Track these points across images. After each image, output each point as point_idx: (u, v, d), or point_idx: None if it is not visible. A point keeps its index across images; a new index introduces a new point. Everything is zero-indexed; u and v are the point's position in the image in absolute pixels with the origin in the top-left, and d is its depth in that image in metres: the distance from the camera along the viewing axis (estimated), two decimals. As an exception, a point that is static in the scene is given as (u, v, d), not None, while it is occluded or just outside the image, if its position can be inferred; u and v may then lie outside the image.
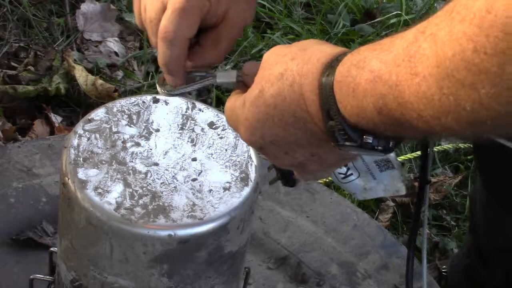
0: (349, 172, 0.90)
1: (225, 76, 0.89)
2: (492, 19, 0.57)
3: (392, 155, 0.93)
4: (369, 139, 0.75)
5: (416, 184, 1.89)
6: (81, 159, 0.94)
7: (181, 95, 0.93)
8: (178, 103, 1.02)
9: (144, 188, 0.92)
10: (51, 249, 1.16)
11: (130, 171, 0.94)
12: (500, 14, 0.57)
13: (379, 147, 0.76)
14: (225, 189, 0.94)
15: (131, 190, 0.92)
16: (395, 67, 0.66)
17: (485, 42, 0.58)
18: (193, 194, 0.93)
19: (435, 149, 1.98)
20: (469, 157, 1.98)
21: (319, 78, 0.75)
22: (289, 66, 0.78)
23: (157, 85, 0.90)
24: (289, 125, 0.79)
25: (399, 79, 0.66)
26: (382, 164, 0.90)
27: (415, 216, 1.03)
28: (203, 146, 0.98)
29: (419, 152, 1.94)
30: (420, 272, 1.46)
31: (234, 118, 0.84)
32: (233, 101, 0.85)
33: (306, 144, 0.80)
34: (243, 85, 0.88)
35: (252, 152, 0.98)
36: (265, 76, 0.81)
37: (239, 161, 0.97)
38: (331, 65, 0.75)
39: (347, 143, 0.76)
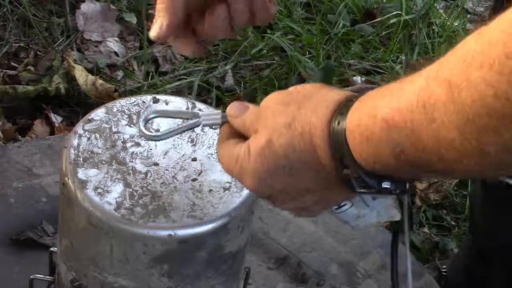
0: (342, 203, 0.90)
1: (209, 118, 0.88)
2: None
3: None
4: (387, 185, 0.74)
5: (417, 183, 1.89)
6: (81, 159, 0.94)
7: (163, 139, 0.92)
8: (178, 103, 1.02)
9: (144, 188, 0.92)
10: (51, 249, 1.16)
11: (130, 171, 0.94)
12: None
13: (397, 191, 0.75)
14: (225, 189, 0.94)
15: (131, 190, 0.92)
16: (409, 114, 0.65)
17: (506, 88, 0.57)
18: (193, 194, 0.93)
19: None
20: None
21: (329, 127, 0.74)
22: (296, 116, 0.77)
23: (140, 127, 0.89)
24: (300, 174, 0.78)
25: (415, 126, 0.65)
26: None
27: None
28: (203, 146, 0.98)
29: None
30: (419, 272, 1.46)
31: (237, 169, 0.82)
32: (231, 148, 0.83)
33: (316, 190, 0.79)
34: (229, 126, 0.86)
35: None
36: (269, 125, 0.79)
37: (239, 161, 0.97)
38: (340, 112, 0.74)
39: (364, 190, 0.75)
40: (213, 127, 0.92)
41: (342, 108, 0.74)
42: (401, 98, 0.67)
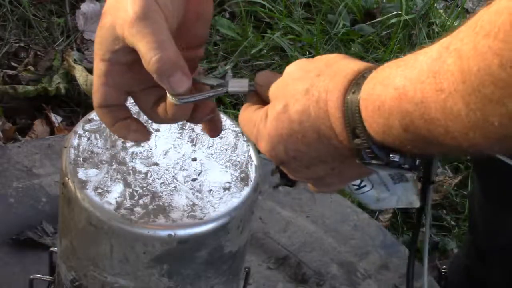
0: (362, 184, 0.90)
1: (237, 85, 0.88)
2: None
3: None
4: (396, 158, 0.74)
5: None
6: (81, 159, 0.94)
7: (190, 102, 0.91)
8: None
9: (144, 188, 0.92)
10: (51, 249, 1.16)
11: (130, 171, 0.94)
12: None
13: (406, 165, 0.75)
14: (225, 189, 0.94)
15: (131, 190, 0.92)
16: (419, 84, 0.66)
17: (511, 56, 0.57)
18: (193, 194, 0.93)
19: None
20: (469, 157, 1.98)
21: (345, 96, 0.74)
22: (314, 82, 0.77)
23: (167, 93, 0.88)
24: (313, 142, 0.78)
25: (424, 96, 0.65)
26: (396, 177, 0.90)
27: (417, 217, 1.03)
28: (203, 146, 0.98)
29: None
30: (419, 272, 1.46)
31: (255, 132, 0.83)
32: (251, 113, 0.84)
33: (329, 160, 0.79)
34: (255, 94, 0.87)
35: (252, 152, 0.98)
36: (289, 91, 0.79)
37: (239, 161, 0.97)
38: (357, 82, 0.74)
39: (373, 161, 0.75)
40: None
41: (359, 78, 0.74)
42: (414, 68, 0.67)
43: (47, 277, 1.16)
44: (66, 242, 0.99)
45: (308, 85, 0.78)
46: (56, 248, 1.07)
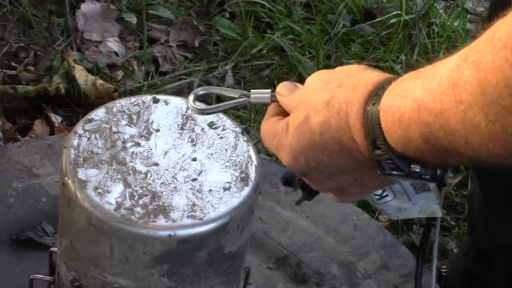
0: (384, 194, 0.89)
1: (259, 95, 0.89)
2: None
3: None
4: (417, 168, 0.74)
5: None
6: (81, 159, 0.94)
7: (211, 114, 0.93)
8: (178, 103, 1.02)
9: (144, 188, 0.92)
10: (51, 249, 1.16)
11: (130, 171, 0.94)
12: None
13: (427, 176, 0.75)
14: (225, 189, 0.94)
15: (131, 190, 0.92)
16: (439, 95, 0.66)
17: None
18: (193, 194, 0.93)
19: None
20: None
21: (365, 107, 0.74)
22: (335, 93, 0.78)
23: (189, 101, 0.89)
24: (334, 153, 0.78)
25: (444, 107, 0.65)
26: (418, 186, 0.90)
27: (427, 219, 1.03)
28: (203, 146, 0.98)
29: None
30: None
31: (275, 143, 0.84)
32: (271, 124, 0.85)
33: (350, 171, 0.80)
34: (276, 105, 0.87)
35: (252, 152, 0.98)
36: (310, 102, 0.80)
37: (239, 161, 0.97)
38: (376, 94, 0.74)
39: (394, 172, 0.75)
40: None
41: (379, 90, 0.74)
42: (433, 80, 0.67)
43: (47, 277, 1.16)
44: (66, 242, 0.99)
45: (329, 96, 0.78)
46: (56, 248, 1.07)
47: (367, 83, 0.76)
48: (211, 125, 1.01)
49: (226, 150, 0.98)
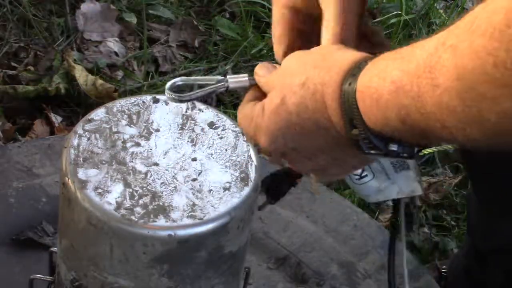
0: (363, 174, 0.90)
1: (237, 81, 0.88)
2: None
3: None
4: (394, 147, 0.75)
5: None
6: (81, 159, 0.94)
7: (191, 101, 0.91)
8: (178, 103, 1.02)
9: (144, 188, 0.92)
10: (51, 249, 1.16)
11: (130, 171, 0.94)
12: None
13: (404, 154, 0.76)
14: (225, 189, 0.94)
15: (131, 190, 0.92)
16: (416, 78, 0.66)
17: (505, 57, 0.57)
18: (193, 194, 0.93)
19: (435, 149, 1.98)
20: (462, 158, 1.98)
21: (341, 88, 0.74)
22: (310, 74, 0.78)
23: (166, 90, 0.88)
24: (311, 133, 0.78)
25: (421, 90, 0.65)
26: (397, 165, 0.90)
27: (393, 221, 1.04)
28: (203, 146, 0.98)
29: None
30: (419, 272, 1.46)
31: (252, 126, 0.83)
32: (249, 109, 0.85)
33: (329, 150, 0.80)
34: (254, 90, 0.87)
35: (252, 152, 0.98)
36: (286, 84, 0.80)
37: (239, 161, 0.97)
38: (352, 74, 0.74)
39: (372, 151, 0.75)
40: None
41: (355, 69, 0.74)
42: (411, 62, 0.67)
43: (47, 277, 1.16)
44: (66, 242, 0.99)
45: (304, 77, 0.78)
46: (56, 248, 1.07)
47: (342, 64, 0.76)
48: (211, 125, 1.01)
49: (226, 150, 0.98)
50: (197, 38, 2.20)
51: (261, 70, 0.86)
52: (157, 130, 0.99)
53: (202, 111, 1.02)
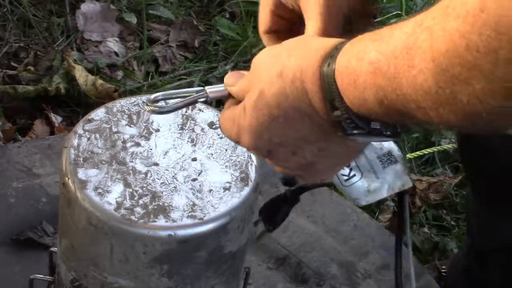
0: (352, 173, 0.90)
1: (216, 90, 0.88)
2: (485, 18, 0.57)
3: (394, 147, 0.92)
4: (377, 125, 0.75)
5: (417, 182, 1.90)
6: (81, 159, 0.94)
7: (170, 112, 0.90)
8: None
9: (144, 188, 0.92)
10: (51, 249, 1.16)
11: (130, 171, 0.94)
12: (493, 13, 0.57)
13: (388, 132, 0.76)
14: (225, 189, 0.94)
15: (131, 190, 0.92)
16: (393, 59, 0.66)
17: (477, 41, 0.58)
18: (193, 194, 0.93)
19: (435, 149, 1.98)
20: (460, 158, 1.98)
21: (320, 69, 0.74)
22: (287, 64, 0.77)
23: (146, 103, 0.88)
24: (295, 122, 0.78)
25: (397, 71, 0.66)
26: (385, 159, 0.90)
27: (399, 221, 1.04)
28: (203, 146, 0.98)
29: (419, 152, 1.94)
30: (419, 272, 1.46)
31: (235, 129, 0.83)
32: (229, 112, 0.84)
33: (314, 139, 0.79)
34: (233, 99, 0.86)
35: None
36: (263, 79, 0.79)
37: (239, 161, 0.97)
38: (330, 55, 0.74)
39: (355, 131, 0.75)
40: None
41: (333, 51, 0.74)
42: (389, 43, 0.67)
43: (47, 277, 1.16)
44: (66, 242, 0.99)
45: (281, 67, 0.78)
46: (56, 248, 1.07)
47: (319, 48, 0.76)
48: (211, 125, 1.01)
49: (226, 150, 0.98)
50: (197, 38, 2.20)
51: (230, 79, 0.86)
52: (157, 130, 0.99)
53: (202, 111, 1.02)
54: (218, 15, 2.26)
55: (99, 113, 0.99)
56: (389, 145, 0.93)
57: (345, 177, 0.90)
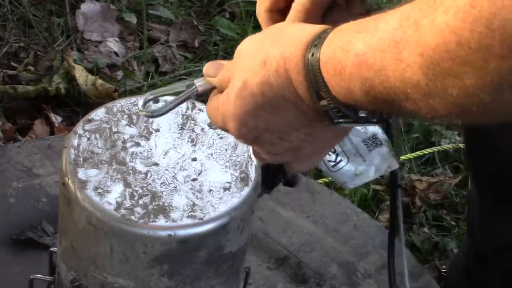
0: (338, 159, 0.90)
1: (203, 83, 0.88)
2: (477, 14, 0.57)
3: (379, 130, 0.93)
4: (363, 114, 0.75)
5: (413, 181, 1.90)
6: (81, 159, 0.94)
7: (164, 114, 0.90)
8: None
9: (144, 188, 0.92)
10: (51, 249, 1.16)
11: (130, 171, 0.94)
12: (484, 10, 0.57)
13: (374, 120, 0.76)
14: (225, 189, 0.94)
15: (131, 190, 0.92)
16: (379, 52, 0.66)
17: (469, 37, 0.58)
18: (193, 194, 0.93)
19: (435, 149, 1.98)
20: (465, 157, 1.98)
21: (304, 59, 0.74)
22: (270, 52, 0.77)
23: (139, 108, 0.88)
24: (280, 110, 0.78)
25: (384, 64, 0.66)
26: (370, 142, 0.90)
27: (391, 222, 1.04)
28: (203, 146, 0.98)
29: (419, 152, 1.94)
30: (419, 272, 1.46)
31: (220, 117, 0.83)
32: (215, 101, 0.84)
33: (300, 126, 0.79)
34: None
35: (252, 152, 0.98)
36: (245, 66, 0.79)
37: (239, 161, 0.97)
38: (314, 44, 0.74)
39: (341, 120, 0.75)
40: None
41: (316, 40, 0.74)
42: (374, 36, 0.67)
43: (47, 277, 1.16)
44: (66, 242, 0.99)
45: (264, 56, 0.78)
46: (56, 248, 1.07)
47: (302, 37, 0.75)
48: (211, 125, 1.01)
49: (226, 150, 0.98)
50: (197, 38, 2.20)
51: (210, 70, 0.86)
52: (157, 130, 0.99)
53: (202, 111, 1.02)
54: (218, 15, 2.26)
55: (99, 113, 0.99)
56: (374, 128, 0.93)
57: (332, 163, 0.90)
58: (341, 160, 0.91)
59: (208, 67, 0.86)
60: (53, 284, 1.15)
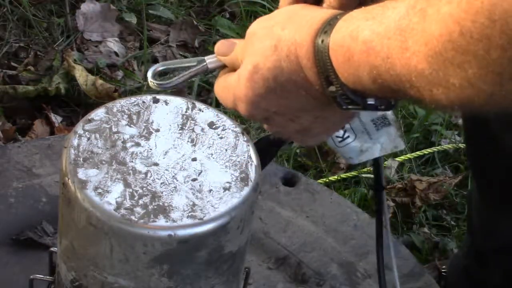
0: (346, 135, 0.91)
1: (214, 60, 0.88)
2: (479, 5, 0.58)
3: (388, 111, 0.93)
4: (371, 101, 0.76)
5: (412, 182, 1.90)
6: (81, 159, 0.94)
7: (175, 87, 0.91)
8: (178, 103, 1.02)
9: (144, 188, 0.92)
10: (51, 249, 1.16)
11: (130, 171, 0.94)
12: (487, 1, 0.57)
13: (382, 106, 0.77)
14: (225, 189, 0.94)
15: (131, 190, 0.92)
16: (386, 40, 0.67)
17: (471, 27, 0.59)
18: (193, 194, 0.93)
19: (435, 149, 1.98)
20: (466, 155, 1.98)
21: (314, 46, 0.75)
22: (281, 36, 0.78)
23: (148, 78, 0.88)
24: (291, 94, 0.79)
25: (390, 52, 0.66)
26: (378, 122, 0.91)
27: (377, 223, 1.04)
28: (203, 146, 0.98)
29: (419, 152, 1.94)
30: (419, 272, 1.46)
31: (231, 98, 0.84)
32: (224, 79, 0.85)
33: (310, 109, 0.80)
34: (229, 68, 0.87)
35: (252, 152, 0.98)
36: (257, 50, 0.80)
37: (239, 161, 0.97)
38: (324, 31, 0.75)
39: (350, 107, 0.76)
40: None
41: (326, 26, 0.75)
42: (381, 23, 0.68)
43: (47, 277, 1.16)
44: (66, 242, 0.99)
45: (275, 41, 0.78)
46: (56, 248, 1.07)
47: (312, 22, 0.76)
48: (211, 125, 1.01)
49: (226, 150, 0.98)
50: (197, 38, 2.20)
51: (222, 49, 0.87)
52: (157, 130, 0.99)
53: (202, 111, 1.02)
54: (218, 15, 2.26)
55: (99, 113, 0.99)
56: None
57: (339, 139, 0.91)
58: (348, 136, 0.92)
59: (220, 46, 0.87)
60: (53, 284, 1.15)
